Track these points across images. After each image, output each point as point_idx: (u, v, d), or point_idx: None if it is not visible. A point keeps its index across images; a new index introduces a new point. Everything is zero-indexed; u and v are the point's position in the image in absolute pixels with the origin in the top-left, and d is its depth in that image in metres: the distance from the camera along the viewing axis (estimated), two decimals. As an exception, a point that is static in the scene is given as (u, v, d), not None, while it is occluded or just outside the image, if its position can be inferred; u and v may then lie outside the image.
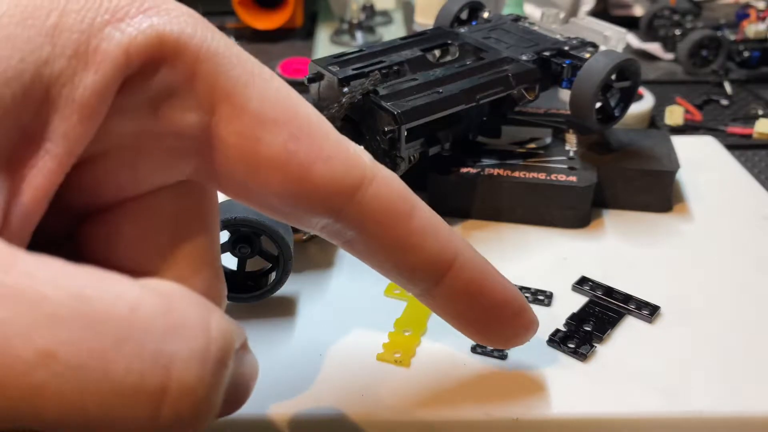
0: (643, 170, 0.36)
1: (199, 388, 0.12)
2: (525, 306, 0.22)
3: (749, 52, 0.61)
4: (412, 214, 0.19)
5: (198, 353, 0.12)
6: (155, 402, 0.11)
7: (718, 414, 0.24)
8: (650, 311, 0.29)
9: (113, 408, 0.11)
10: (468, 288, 0.20)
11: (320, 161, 0.17)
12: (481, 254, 0.21)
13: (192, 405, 0.12)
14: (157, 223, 0.18)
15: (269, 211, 0.18)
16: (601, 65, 0.34)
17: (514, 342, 0.23)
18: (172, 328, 0.12)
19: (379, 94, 0.31)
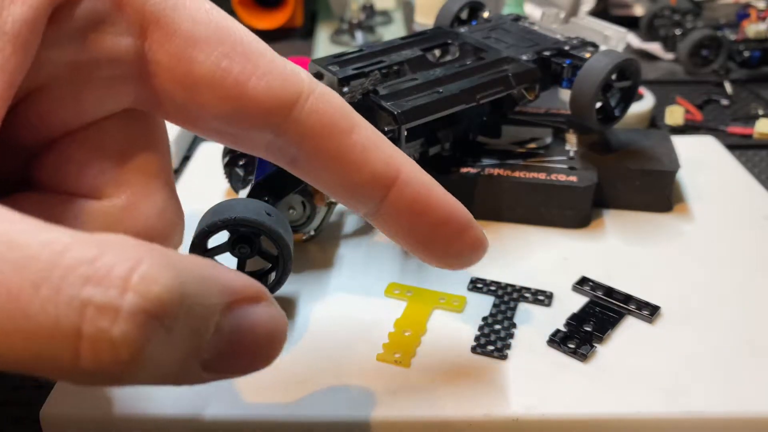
0: (644, 170, 0.36)
1: (117, 336, 0.12)
2: (471, 222, 0.22)
3: (749, 52, 0.61)
4: (352, 130, 0.19)
5: (111, 301, 0.12)
6: (72, 345, 0.12)
7: (718, 414, 0.24)
8: (650, 311, 0.29)
9: (36, 347, 0.12)
10: (412, 204, 0.20)
11: (255, 78, 0.18)
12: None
13: (111, 353, 0.12)
14: (105, 150, 0.19)
15: (213, 135, 0.19)
16: (601, 65, 0.34)
17: (461, 261, 0.22)
18: (93, 275, 0.12)
19: (379, 93, 0.31)
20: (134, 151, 0.19)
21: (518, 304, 0.29)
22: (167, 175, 0.20)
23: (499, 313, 0.29)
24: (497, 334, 0.28)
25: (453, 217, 0.21)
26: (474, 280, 0.31)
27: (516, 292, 0.30)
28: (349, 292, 0.31)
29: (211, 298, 0.14)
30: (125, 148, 0.19)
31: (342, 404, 0.24)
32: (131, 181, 0.19)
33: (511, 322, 0.28)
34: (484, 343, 0.27)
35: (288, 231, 0.29)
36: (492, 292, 0.30)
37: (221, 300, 0.14)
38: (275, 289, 0.29)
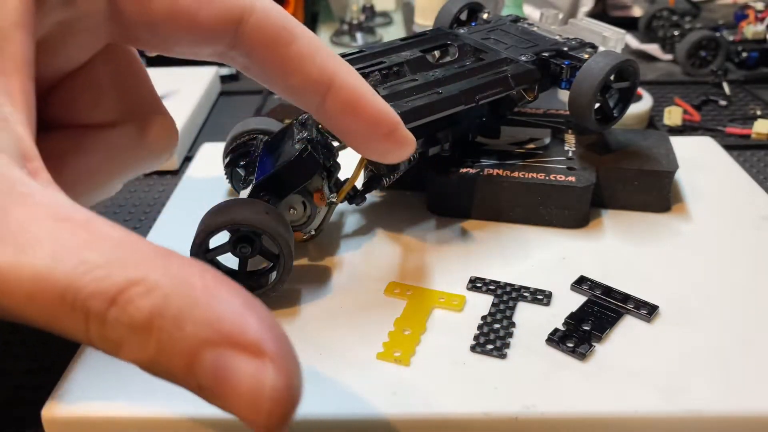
0: (642, 170, 0.36)
1: (105, 334, 0.15)
2: (398, 124, 0.25)
3: (747, 53, 0.61)
4: (291, 42, 0.23)
5: (101, 312, 0.15)
6: (84, 326, 0.15)
7: (717, 413, 0.24)
8: (649, 311, 0.29)
9: (61, 319, 0.15)
10: (345, 107, 0.24)
11: (204, 6, 0.21)
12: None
13: (101, 341, 0.16)
14: (99, 84, 0.24)
15: (178, 54, 0.23)
16: (600, 66, 0.34)
17: (391, 155, 0.26)
18: (97, 292, 0.15)
19: (378, 94, 0.31)
20: (124, 81, 0.25)
21: (517, 303, 0.30)
22: (157, 97, 0.26)
23: (498, 313, 0.29)
24: (496, 333, 0.28)
25: (381, 118, 0.25)
26: (473, 280, 0.31)
27: (515, 291, 0.30)
28: (349, 291, 0.31)
29: (187, 327, 0.15)
30: (115, 79, 0.24)
31: (342, 403, 0.25)
32: (133, 109, 0.25)
33: (510, 321, 0.28)
34: (483, 342, 0.27)
35: (288, 230, 0.29)
36: (491, 291, 0.30)
37: (199, 332, 0.15)
38: (276, 289, 0.29)
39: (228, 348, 0.15)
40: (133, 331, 0.15)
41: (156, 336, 0.15)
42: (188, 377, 0.15)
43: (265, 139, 0.35)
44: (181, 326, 0.15)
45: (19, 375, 0.29)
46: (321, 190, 0.32)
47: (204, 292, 0.15)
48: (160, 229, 0.36)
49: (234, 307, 0.15)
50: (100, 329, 0.15)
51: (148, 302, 0.15)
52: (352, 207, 0.37)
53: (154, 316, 0.15)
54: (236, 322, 0.15)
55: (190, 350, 0.15)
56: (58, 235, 0.15)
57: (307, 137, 0.31)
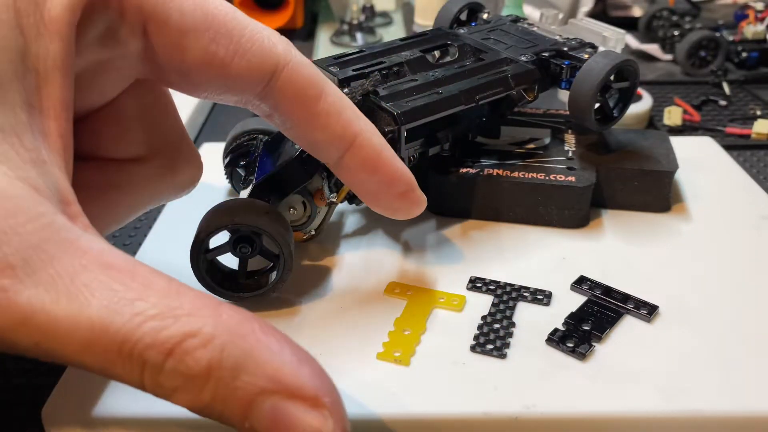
0: (642, 170, 0.36)
1: (160, 382, 0.16)
2: (413, 185, 0.26)
3: (747, 53, 0.61)
4: (319, 98, 0.23)
5: (158, 362, 0.16)
6: (139, 375, 0.16)
7: (717, 413, 0.24)
8: (649, 311, 0.29)
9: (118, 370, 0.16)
10: (364, 164, 0.25)
11: (238, 56, 0.21)
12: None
13: (157, 390, 0.16)
14: (127, 118, 0.24)
15: (204, 97, 0.23)
16: (600, 66, 0.34)
17: (402, 213, 0.27)
18: (154, 344, 0.16)
19: (379, 94, 0.31)
20: (152, 116, 0.25)
21: (517, 303, 0.30)
22: (184, 131, 0.26)
23: (498, 313, 0.29)
24: (496, 333, 0.28)
25: (397, 178, 0.25)
26: (473, 280, 0.31)
27: (515, 291, 0.30)
28: (349, 291, 0.31)
29: (244, 377, 0.16)
30: (143, 114, 0.24)
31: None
32: (160, 144, 0.25)
33: (510, 321, 0.28)
34: (483, 342, 0.27)
35: (288, 230, 0.29)
36: (491, 291, 0.30)
37: (257, 383, 0.16)
38: (276, 289, 0.29)
39: (286, 398, 0.16)
40: (190, 380, 0.16)
41: (213, 385, 0.16)
42: (243, 422, 0.16)
43: (265, 139, 0.35)
44: (238, 376, 0.16)
45: (19, 375, 0.29)
46: (321, 190, 0.32)
47: (257, 343, 0.16)
48: (160, 230, 0.36)
49: (288, 358, 0.16)
50: (155, 378, 0.16)
51: (205, 354, 0.16)
52: (352, 207, 0.37)
53: (212, 368, 0.16)
54: (293, 374, 0.16)
55: (247, 399, 0.16)
56: (108, 284, 0.16)
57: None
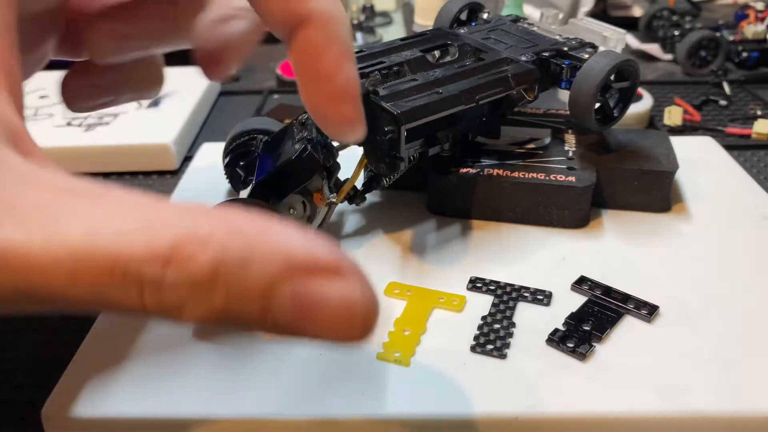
0: (642, 170, 0.36)
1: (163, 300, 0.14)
2: (349, 96, 0.22)
3: (748, 53, 0.61)
4: None
5: (157, 276, 0.14)
6: (138, 296, 0.14)
7: (717, 413, 0.24)
8: (649, 311, 0.29)
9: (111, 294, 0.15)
10: (306, 51, 0.22)
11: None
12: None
13: (162, 306, 0.15)
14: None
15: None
16: (600, 66, 0.34)
17: (335, 127, 0.23)
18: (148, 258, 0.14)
19: (379, 94, 0.31)
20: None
21: (517, 303, 0.30)
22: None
23: (498, 313, 0.29)
24: (496, 333, 0.28)
25: (335, 79, 0.22)
26: (473, 280, 0.31)
27: (515, 291, 0.30)
28: (349, 291, 0.31)
29: (254, 268, 0.14)
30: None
31: (342, 403, 0.25)
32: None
33: (510, 321, 0.28)
34: (483, 343, 0.27)
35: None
36: (491, 291, 0.30)
37: (269, 269, 0.14)
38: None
39: (305, 277, 0.15)
40: (196, 287, 0.14)
41: (222, 287, 0.14)
42: (263, 317, 0.15)
43: (265, 139, 0.35)
44: (248, 270, 0.14)
45: (19, 375, 0.29)
46: (321, 190, 0.32)
47: (259, 231, 0.15)
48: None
49: (295, 237, 0.15)
50: (157, 295, 0.14)
51: (207, 255, 0.14)
52: (352, 207, 0.37)
53: (217, 267, 0.14)
54: (305, 251, 0.15)
55: (263, 290, 0.14)
56: (82, 208, 0.14)
57: (307, 137, 0.31)
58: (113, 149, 0.46)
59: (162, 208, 0.15)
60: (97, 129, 0.48)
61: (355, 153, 0.33)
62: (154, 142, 0.46)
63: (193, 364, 0.27)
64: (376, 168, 0.33)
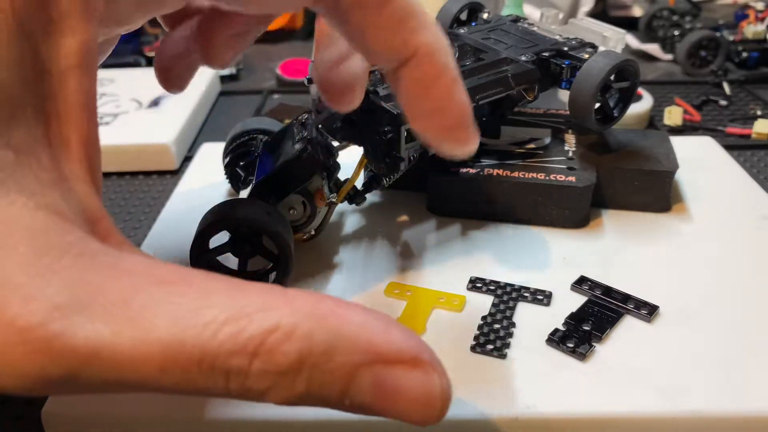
0: (642, 170, 0.36)
1: (249, 385, 0.15)
2: (465, 123, 0.23)
3: (748, 53, 0.61)
4: (384, 4, 0.20)
5: (243, 367, 0.15)
6: (225, 383, 0.15)
7: (717, 413, 0.24)
8: (649, 311, 0.29)
9: (201, 387, 0.15)
10: (417, 83, 0.21)
11: None
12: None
13: (247, 392, 0.15)
14: None
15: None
16: (600, 66, 0.34)
17: (450, 149, 0.23)
18: (234, 350, 0.15)
19: (379, 94, 0.31)
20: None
21: (517, 303, 0.30)
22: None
23: (498, 313, 0.29)
24: (496, 333, 0.28)
25: (449, 108, 0.22)
26: (473, 280, 0.31)
27: (515, 291, 0.30)
28: (349, 292, 0.31)
29: (338, 357, 0.15)
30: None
31: (342, 403, 0.25)
32: None
33: (510, 321, 0.28)
34: (483, 343, 0.27)
35: (288, 231, 0.29)
36: (491, 291, 0.30)
37: (353, 359, 0.15)
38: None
39: (386, 365, 0.16)
40: (281, 376, 0.15)
41: (306, 375, 0.15)
42: (342, 400, 0.16)
43: (265, 139, 0.35)
44: (331, 359, 0.15)
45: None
46: (321, 190, 0.32)
47: (341, 319, 0.16)
48: (160, 229, 0.36)
49: (376, 326, 0.16)
50: (242, 384, 0.15)
51: (293, 346, 0.15)
52: (352, 207, 0.37)
53: (303, 358, 0.15)
54: (387, 341, 0.16)
55: (345, 378, 0.15)
56: (168, 300, 0.15)
57: (307, 137, 0.31)
58: (113, 149, 0.46)
59: (245, 295, 0.15)
60: (97, 129, 0.48)
61: (355, 153, 0.33)
62: (154, 142, 0.46)
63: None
64: (376, 168, 0.33)
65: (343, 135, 0.33)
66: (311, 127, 0.32)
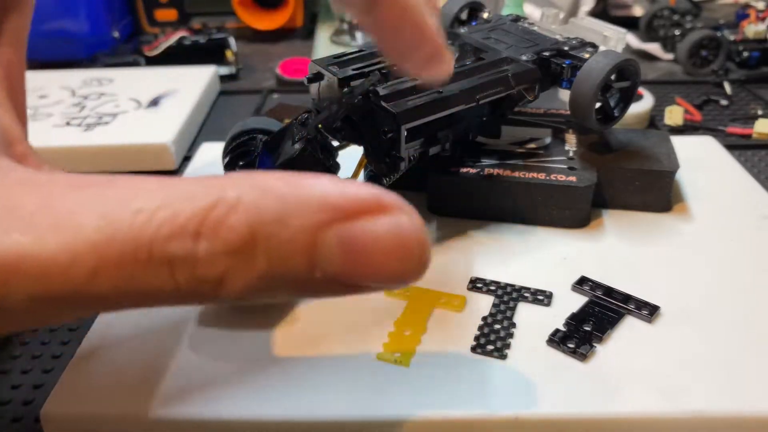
0: (643, 170, 0.36)
1: (200, 274, 0.14)
2: (439, 50, 0.23)
3: (749, 53, 0.61)
4: None
5: (189, 252, 0.14)
6: (172, 280, 0.13)
7: (718, 414, 0.24)
8: (650, 311, 0.29)
9: (142, 286, 0.14)
10: (388, 21, 0.22)
11: None
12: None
13: (200, 283, 0.14)
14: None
15: None
16: (600, 65, 0.34)
17: (428, 76, 0.25)
18: (172, 233, 0.14)
19: (379, 94, 0.31)
20: None
21: (518, 303, 0.29)
22: None
23: (498, 313, 0.29)
24: (497, 333, 0.28)
25: (423, 42, 0.22)
26: (474, 280, 0.31)
27: (515, 291, 0.30)
28: (349, 291, 0.31)
29: (293, 221, 0.14)
30: None
31: (342, 404, 0.25)
32: None
33: (510, 321, 0.28)
34: (483, 343, 0.27)
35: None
36: (491, 291, 0.30)
37: (310, 220, 0.14)
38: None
39: (348, 220, 0.14)
40: (235, 254, 0.13)
41: (263, 247, 0.13)
42: (311, 271, 0.14)
43: (265, 138, 0.35)
44: (286, 224, 0.13)
45: (19, 375, 0.29)
46: (321, 190, 0.32)
47: (287, 186, 0.14)
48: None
49: (329, 184, 0.14)
50: (191, 271, 0.13)
51: (240, 218, 0.13)
52: (352, 207, 0.36)
53: (254, 228, 0.13)
54: (343, 194, 0.14)
55: (307, 242, 0.14)
56: (92, 199, 0.13)
57: (307, 137, 0.31)
58: (112, 149, 0.46)
59: (177, 183, 0.14)
60: (96, 129, 0.48)
61: (355, 153, 0.33)
62: (153, 141, 0.46)
63: (191, 365, 0.27)
64: (376, 168, 0.33)
65: (343, 135, 0.32)
66: (311, 127, 0.32)
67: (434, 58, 0.23)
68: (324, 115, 0.32)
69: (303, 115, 0.33)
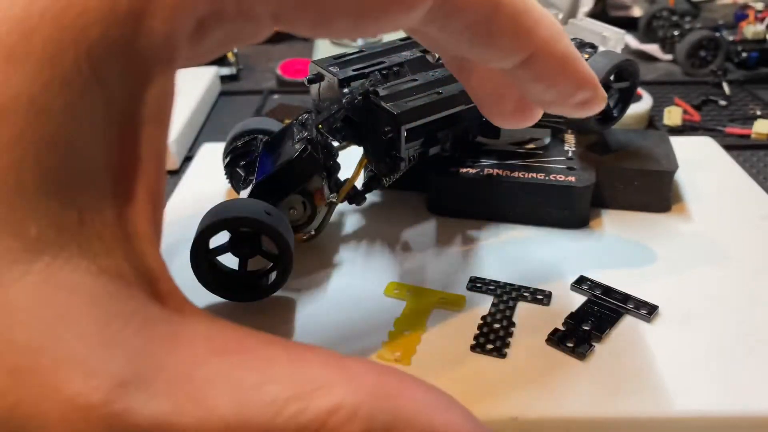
0: (642, 170, 0.36)
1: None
2: (596, 88, 0.22)
3: (747, 53, 0.61)
4: (497, 8, 0.19)
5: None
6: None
7: (717, 413, 0.24)
8: (649, 311, 0.29)
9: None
10: (541, 77, 0.21)
11: None
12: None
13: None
14: None
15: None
16: (599, 66, 0.34)
17: (580, 115, 0.24)
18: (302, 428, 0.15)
19: (379, 94, 0.31)
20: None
21: (517, 303, 0.30)
22: None
23: (498, 313, 0.29)
24: (496, 333, 0.28)
25: (582, 86, 0.22)
26: (473, 280, 0.31)
27: (515, 291, 0.30)
28: (349, 291, 0.31)
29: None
30: None
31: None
32: None
33: (510, 321, 0.28)
34: (483, 342, 0.27)
35: (288, 231, 0.29)
36: (491, 291, 0.30)
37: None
38: (276, 288, 0.29)
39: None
40: None
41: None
42: None
43: (265, 139, 0.35)
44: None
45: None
46: (321, 190, 0.32)
47: (402, 399, 0.16)
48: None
49: (435, 405, 0.16)
50: None
51: (355, 428, 0.15)
52: (352, 207, 0.37)
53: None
54: (444, 423, 0.16)
55: None
56: (229, 373, 0.15)
57: (307, 137, 0.31)
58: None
59: (306, 367, 0.15)
60: (97, 129, 0.48)
61: (355, 153, 0.33)
62: (154, 142, 0.46)
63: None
64: (376, 168, 0.33)
65: (343, 135, 0.33)
66: (311, 127, 0.32)
67: (593, 100, 0.23)
68: (324, 115, 0.32)
69: (303, 115, 0.34)
